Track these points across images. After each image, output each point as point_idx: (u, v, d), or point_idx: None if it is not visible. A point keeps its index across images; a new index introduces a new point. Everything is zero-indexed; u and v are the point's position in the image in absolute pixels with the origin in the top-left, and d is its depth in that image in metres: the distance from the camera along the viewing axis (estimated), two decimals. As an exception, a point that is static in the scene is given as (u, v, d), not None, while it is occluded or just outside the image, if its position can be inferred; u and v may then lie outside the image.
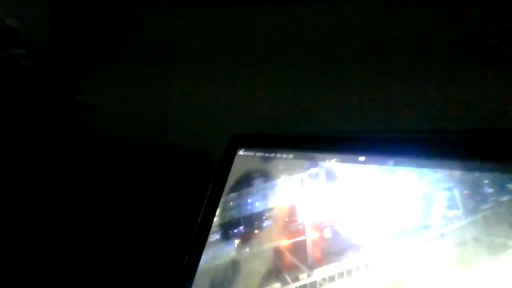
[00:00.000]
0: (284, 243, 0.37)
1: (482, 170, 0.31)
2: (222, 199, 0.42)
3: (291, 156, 0.40)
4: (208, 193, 0.43)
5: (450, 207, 0.31)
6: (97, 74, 1.28)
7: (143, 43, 1.54)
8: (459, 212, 0.31)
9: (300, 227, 0.37)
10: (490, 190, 0.30)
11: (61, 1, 1.18)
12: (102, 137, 1.26)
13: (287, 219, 0.38)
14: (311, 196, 0.38)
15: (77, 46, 1.22)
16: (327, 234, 0.35)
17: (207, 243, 0.41)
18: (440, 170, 0.33)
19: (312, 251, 0.35)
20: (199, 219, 0.42)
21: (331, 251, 0.34)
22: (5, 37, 0.87)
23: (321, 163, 0.38)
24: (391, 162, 0.35)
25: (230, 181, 0.43)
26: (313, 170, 0.38)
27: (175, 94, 1.66)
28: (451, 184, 0.32)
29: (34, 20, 1.10)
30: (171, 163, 1.06)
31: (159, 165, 1.05)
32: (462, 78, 0.88)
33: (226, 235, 0.40)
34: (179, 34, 1.69)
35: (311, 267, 0.35)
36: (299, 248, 0.36)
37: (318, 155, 0.39)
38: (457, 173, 0.32)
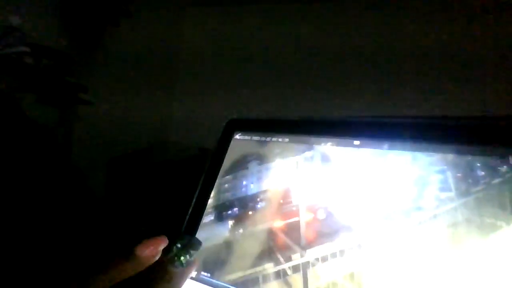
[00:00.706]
0: (278, 224, 0.37)
1: (474, 153, 0.32)
2: (217, 182, 0.42)
3: (286, 140, 0.40)
4: (203, 175, 0.43)
5: (443, 189, 0.32)
6: (100, 72, 1.28)
7: (146, 42, 1.53)
8: (452, 194, 0.31)
9: (294, 208, 0.37)
10: (482, 173, 0.31)
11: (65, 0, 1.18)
12: (105, 135, 1.25)
13: (281, 201, 0.38)
14: (305, 179, 0.38)
15: (81, 44, 1.22)
16: (321, 215, 0.36)
17: (201, 224, 0.41)
18: (434, 153, 0.33)
19: (305, 232, 0.36)
20: (194, 200, 0.42)
21: (324, 232, 0.35)
22: (8, 35, 0.86)
23: (316, 146, 0.38)
24: (385, 146, 0.35)
25: (226, 164, 0.43)
26: (308, 154, 0.39)
27: (178, 95, 1.66)
28: (444, 167, 0.32)
29: (38, 19, 1.09)
30: (174, 161, 1.06)
31: (162, 163, 1.04)
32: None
33: (220, 217, 0.40)
34: (183, 34, 1.70)
35: (304, 248, 0.35)
36: (292, 229, 0.36)
37: (313, 139, 0.39)
38: (450, 157, 0.32)
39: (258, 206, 0.39)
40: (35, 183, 0.72)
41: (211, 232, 0.40)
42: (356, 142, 0.37)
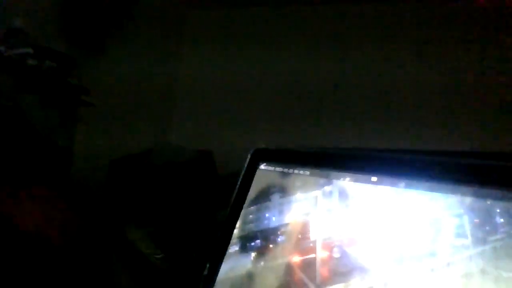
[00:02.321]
0: (296, 259, 0.38)
1: (494, 198, 0.29)
2: (243, 212, 0.44)
3: (307, 172, 0.41)
4: (231, 204, 0.45)
5: (458, 235, 0.30)
6: (102, 73, 1.31)
7: (148, 41, 1.57)
8: (467, 241, 0.30)
9: (311, 244, 0.37)
10: (501, 220, 0.29)
11: (67, 2, 1.18)
12: (106, 138, 1.28)
13: (299, 236, 0.39)
14: (323, 214, 0.38)
15: (83, 46, 1.22)
16: (336, 253, 0.35)
17: (226, 254, 0.43)
18: (451, 195, 0.31)
19: (320, 269, 0.36)
20: (221, 229, 0.44)
21: (338, 271, 0.35)
22: (12, 36, 0.87)
23: (335, 181, 0.38)
24: (402, 184, 0.34)
25: (251, 195, 0.44)
26: (327, 188, 0.39)
27: (180, 95, 1.71)
28: (461, 211, 0.31)
29: (41, 20, 1.12)
30: (175, 163, 1.07)
31: (163, 166, 1.06)
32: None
33: (244, 248, 0.42)
34: (184, 35, 1.72)
35: (318, 286, 0.35)
36: (309, 266, 0.37)
37: (333, 173, 0.39)
38: (468, 200, 0.31)
39: (278, 239, 0.40)
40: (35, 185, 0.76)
41: (236, 263, 0.42)
42: (374, 179, 0.36)
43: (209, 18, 1.65)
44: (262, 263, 0.40)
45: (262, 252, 0.40)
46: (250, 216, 0.43)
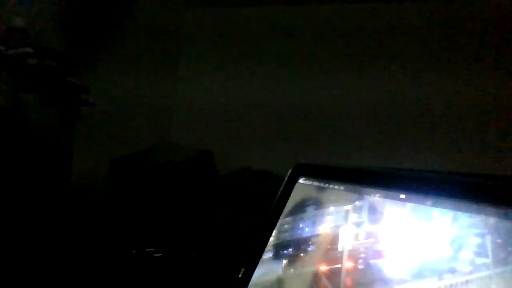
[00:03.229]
0: (323, 268, 0.39)
1: (519, 219, 0.29)
2: (279, 222, 0.46)
3: (342, 188, 0.43)
4: (269, 214, 0.48)
5: (479, 254, 0.30)
6: (102, 73, 1.33)
7: (148, 42, 1.60)
8: (488, 260, 0.30)
9: (338, 255, 0.39)
10: (524, 242, 0.29)
11: (67, 1, 1.19)
12: (107, 137, 1.29)
13: (328, 246, 0.40)
14: (352, 227, 0.39)
15: (83, 45, 1.23)
16: (360, 265, 0.37)
17: (261, 260, 0.45)
18: (475, 215, 0.32)
19: (345, 279, 0.37)
20: (258, 237, 0.47)
21: (361, 282, 0.36)
22: (12, 36, 0.88)
23: (366, 196, 0.40)
24: (429, 202, 0.35)
25: (289, 206, 0.47)
26: (358, 203, 0.40)
27: (180, 95, 1.72)
28: (485, 231, 0.31)
29: (41, 20, 1.13)
30: (175, 162, 1.07)
31: (164, 164, 1.06)
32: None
33: (277, 255, 0.44)
34: (184, 34, 1.75)
35: (341, 295, 0.37)
36: (334, 275, 0.38)
37: (365, 189, 0.40)
38: (492, 220, 0.31)
39: (309, 249, 0.42)
40: (34, 187, 0.78)
41: (268, 268, 0.44)
42: (402, 196, 0.37)
43: (209, 17, 1.70)
44: (292, 270, 0.42)
45: (293, 259, 0.43)
46: (286, 226, 0.46)
